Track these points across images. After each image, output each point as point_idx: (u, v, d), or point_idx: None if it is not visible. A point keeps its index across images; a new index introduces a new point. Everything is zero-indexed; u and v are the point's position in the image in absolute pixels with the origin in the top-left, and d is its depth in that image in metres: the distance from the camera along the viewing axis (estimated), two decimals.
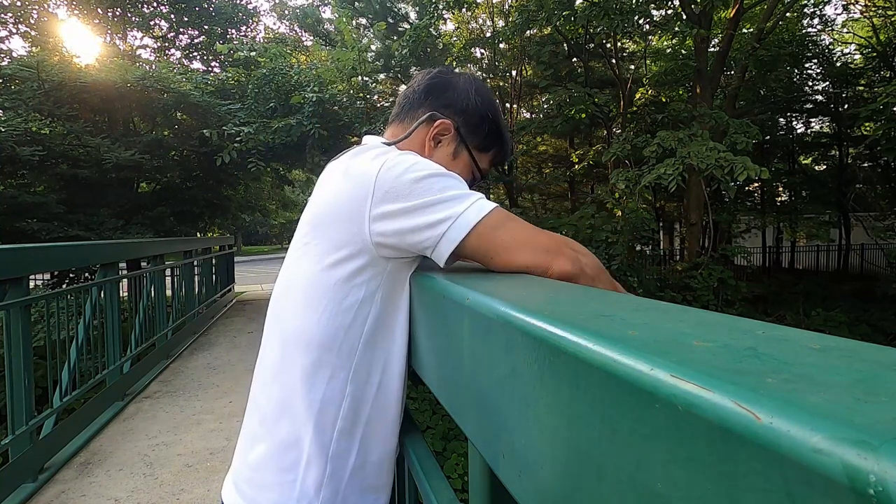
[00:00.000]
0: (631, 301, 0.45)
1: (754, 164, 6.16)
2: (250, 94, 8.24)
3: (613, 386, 0.28)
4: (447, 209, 0.69)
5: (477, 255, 0.72)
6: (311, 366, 0.77)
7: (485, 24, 14.08)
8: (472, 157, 0.91)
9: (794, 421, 0.19)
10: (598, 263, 0.75)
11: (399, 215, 0.70)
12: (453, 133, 0.89)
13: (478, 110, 0.91)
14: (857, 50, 13.41)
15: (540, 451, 0.37)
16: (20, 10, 10.65)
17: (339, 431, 0.78)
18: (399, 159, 0.74)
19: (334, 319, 0.76)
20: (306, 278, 0.78)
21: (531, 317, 0.39)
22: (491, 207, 0.70)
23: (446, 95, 0.91)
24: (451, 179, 0.73)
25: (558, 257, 0.70)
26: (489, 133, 0.92)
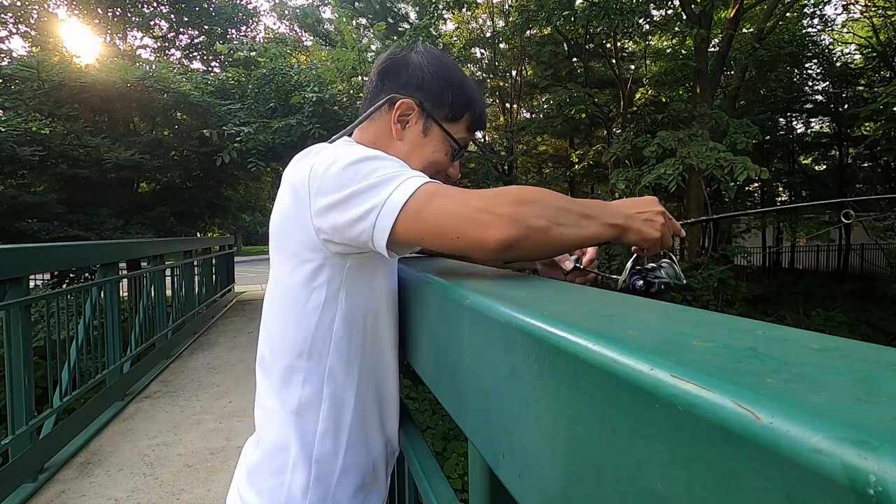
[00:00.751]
0: (631, 301, 0.45)
1: (754, 164, 6.16)
2: (250, 94, 8.24)
3: (613, 386, 0.28)
4: (373, 197, 0.65)
5: (417, 242, 0.67)
6: (285, 372, 0.78)
7: (485, 24, 14.09)
8: (444, 131, 0.86)
9: (794, 421, 0.19)
10: (553, 203, 0.64)
11: (332, 210, 0.68)
12: (417, 110, 0.85)
13: (435, 80, 0.86)
14: (857, 50, 13.42)
15: (540, 451, 0.37)
16: (20, 10, 10.65)
17: (321, 434, 0.78)
18: (329, 153, 0.71)
19: (300, 324, 0.76)
20: (276, 286, 0.79)
21: (531, 317, 0.39)
22: (416, 186, 0.64)
23: (401, 76, 0.87)
24: (377, 162, 0.68)
25: (491, 226, 0.61)
26: (454, 100, 0.86)
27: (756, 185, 14.15)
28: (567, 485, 0.33)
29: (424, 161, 0.85)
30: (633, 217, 0.71)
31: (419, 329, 0.76)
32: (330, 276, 0.75)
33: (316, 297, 0.76)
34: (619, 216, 0.70)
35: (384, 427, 0.87)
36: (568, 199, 0.67)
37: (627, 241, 0.72)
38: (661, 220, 0.73)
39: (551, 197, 0.66)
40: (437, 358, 0.65)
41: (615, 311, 0.40)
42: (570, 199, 0.68)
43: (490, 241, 0.61)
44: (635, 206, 0.73)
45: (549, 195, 0.65)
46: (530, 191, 0.65)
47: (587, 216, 0.66)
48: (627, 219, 0.70)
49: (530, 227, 0.61)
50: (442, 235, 0.63)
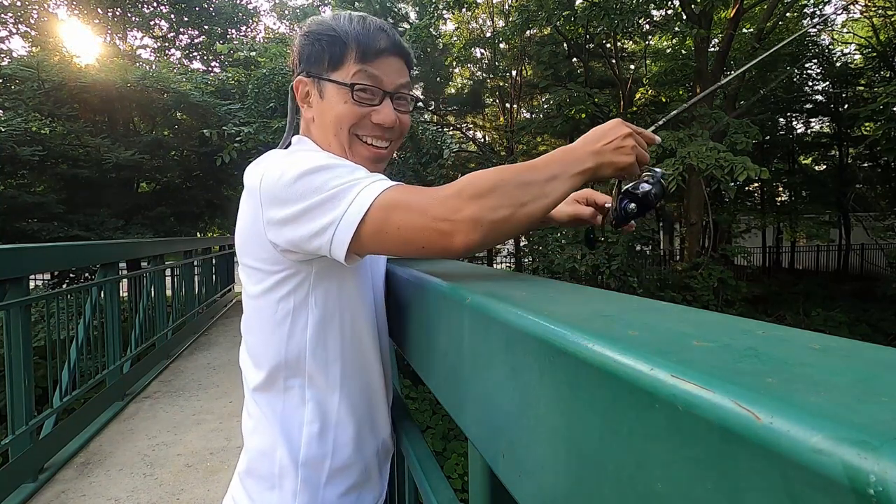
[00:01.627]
0: (631, 301, 0.45)
1: (754, 164, 6.16)
2: (250, 94, 8.24)
3: (613, 386, 0.28)
4: (328, 212, 0.62)
5: (380, 253, 0.67)
6: (265, 382, 0.77)
7: (485, 24, 14.09)
8: (336, 83, 0.78)
9: (794, 421, 0.19)
10: (513, 182, 0.61)
11: (286, 225, 0.66)
12: (307, 80, 0.81)
13: (307, 42, 0.80)
14: (857, 50, 13.42)
15: (540, 450, 0.37)
16: (20, 10, 10.65)
17: (307, 438, 0.77)
18: (277, 162, 0.69)
19: (273, 335, 0.75)
20: (245, 300, 0.78)
21: (531, 317, 0.39)
22: (373, 197, 0.61)
23: (294, 63, 0.84)
24: (328, 172, 0.64)
25: (454, 234, 0.59)
26: (327, 46, 0.78)
27: (756, 185, 14.15)
28: (567, 485, 0.33)
29: (334, 120, 0.79)
30: (602, 152, 0.67)
31: (419, 329, 0.76)
32: (297, 284, 0.74)
33: (284, 307, 0.74)
34: (587, 159, 0.66)
35: (375, 428, 0.85)
36: (528, 167, 0.63)
37: (604, 177, 0.70)
38: (630, 142, 0.69)
39: (509, 174, 0.62)
40: (437, 358, 0.65)
41: (615, 311, 0.40)
42: (531, 165, 0.64)
43: (455, 248, 0.60)
44: (600, 137, 0.69)
45: (505, 176, 0.61)
46: (485, 178, 0.61)
47: (553, 178, 0.63)
48: (596, 156, 0.67)
49: (493, 221, 0.59)
50: (405, 247, 0.62)
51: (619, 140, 0.69)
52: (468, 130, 15.17)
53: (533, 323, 0.38)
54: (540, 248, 9.07)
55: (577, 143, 0.69)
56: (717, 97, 10.24)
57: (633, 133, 0.70)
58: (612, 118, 0.75)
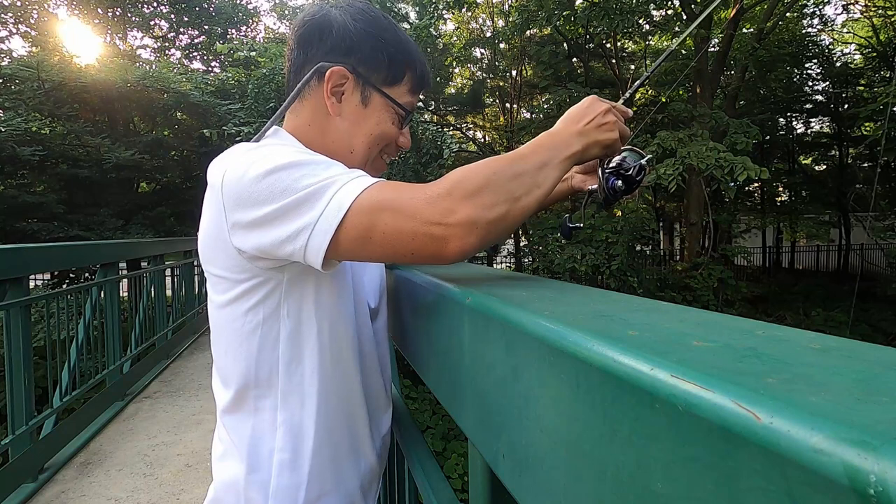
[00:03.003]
0: (631, 301, 0.45)
1: (754, 164, 6.17)
2: (250, 94, 8.24)
3: (613, 386, 0.28)
4: (300, 215, 0.56)
5: (361, 259, 0.60)
6: (232, 404, 0.70)
7: (485, 24, 14.09)
8: (386, 97, 0.74)
9: (794, 421, 0.19)
10: (505, 175, 0.57)
11: (252, 229, 0.59)
12: (351, 78, 0.72)
13: (366, 39, 0.73)
14: (857, 50, 13.43)
15: (540, 451, 0.37)
16: (20, 10, 10.65)
17: (278, 466, 0.69)
18: (243, 157, 0.62)
19: (239, 351, 0.68)
20: (211, 313, 0.71)
21: (531, 317, 0.39)
22: (352, 198, 0.55)
23: (325, 40, 0.73)
24: (301, 169, 0.58)
25: (448, 240, 0.54)
26: (391, 59, 0.74)
27: (756, 185, 14.16)
28: (567, 485, 0.33)
29: (370, 136, 0.74)
30: (586, 132, 0.65)
31: (419, 329, 0.76)
32: (267, 293, 0.66)
33: (253, 318, 0.67)
34: (574, 142, 0.64)
35: (357, 452, 0.77)
36: (517, 156, 0.60)
37: (591, 158, 0.68)
38: (611, 118, 0.67)
39: (500, 166, 0.58)
40: (437, 358, 0.65)
41: (615, 311, 0.40)
42: (520, 154, 0.61)
43: (448, 255, 0.55)
44: (581, 116, 0.66)
45: (496, 168, 0.57)
46: (476, 173, 0.57)
47: (543, 166, 0.60)
48: (582, 137, 0.65)
49: (489, 222, 0.55)
50: (391, 254, 0.57)
51: (601, 117, 0.66)
52: (468, 130, 15.17)
53: (533, 323, 0.38)
54: (540, 248, 9.07)
55: (559, 126, 0.66)
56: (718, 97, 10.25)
57: (611, 107, 0.68)
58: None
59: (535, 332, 0.37)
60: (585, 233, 8.15)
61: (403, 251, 0.56)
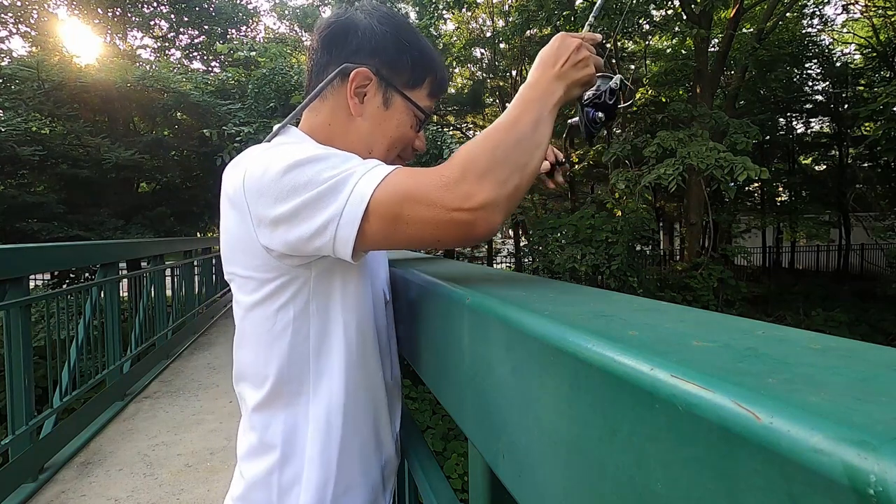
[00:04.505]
0: (631, 301, 0.45)
1: (754, 164, 6.17)
2: (250, 94, 8.24)
3: (613, 386, 0.28)
4: (325, 208, 0.57)
5: (388, 248, 0.62)
6: (264, 401, 0.71)
7: (485, 24, 14.09)
8: (407, 100, 0.76)
9: (794, 421, 0.19)
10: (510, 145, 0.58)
11: (279, 226, 0.60)
12: (375, 80, 0.74)
13: (391, 43, 0.74)
14: (857, 50, 13.43)
15: (540, 451, 0.37)
16: (20, 10, 10.65)
17: (309, 460, 0.70)
18: (261, 156, 0.63)
19: (272, 350, 0.69)
20: (239, 316, 0.72)
21: (531, 317, 0.39)
22: (373, 188, 0.56)
23: (350, 41, 0.74)
24: (320, 163, 0.59)
25: (474, 225, 0.56)
26: (414, 63, 0.76)
27: (756, 185, 14.16)
28: (567, 485, 0.33)
29: (389, 137, 0.76)
30: (564, 74, 0.65)
31: (419, 329, 0.76)
32: (296, 291, 0.67)
33: (283, 317, 0.68)
34: (555, 87, 0.64)
35: (380, 443, 0.79)
36: (513, 121, 0.61)
37: (573, 98, 0.68)
38: (584, 52, 0.67)
39: (501, 137, 0.59)
40: (437, 358, 0.65)
41: (615, 311, 0.40)
42: (515, 118, 0.61)
43: (477, 236, 0.57)
44: (556, 58, 0.66)
45: (498, 141, 0.58)
46: (483, 150, 0.57)
47: (536, 123, 0.61)
48: (561, 80, 0.65)
49: (508, 196, 0.57)
50: (418, 241, 0.58)
51: (574, 55, 0.66)
52: (468, 130, 15.17)
53: (533, 323, 0.38)
54: (540, 248, 9.07)
55: (537, 73, 0.66)
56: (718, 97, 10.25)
57: (581, 42, 0.68)
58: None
59: (534, 332, 0.37)
60: (585, 233, 8.15)
61: (430, 239, 0.58)
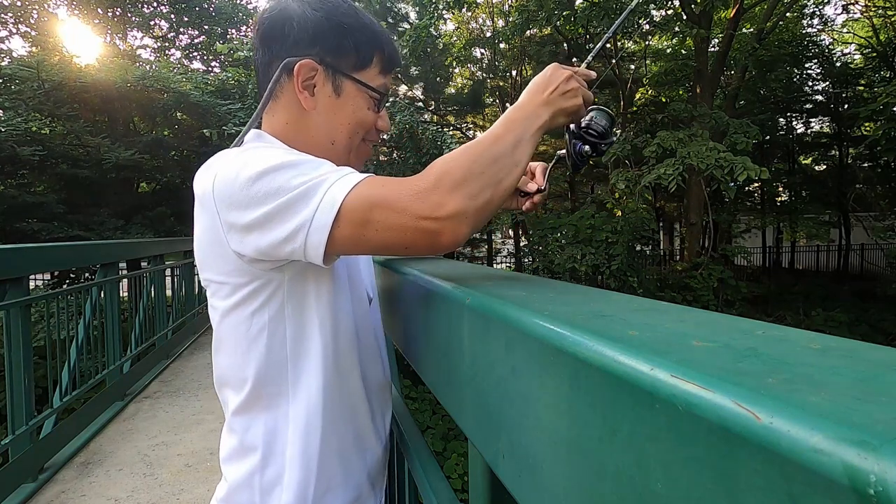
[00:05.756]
0: (631, 301, 0.45)
1: (754, 164, 6.17)
2: (250, 94, 8.24)
3: (613, 386, 0.28)
4: (296, 215, 0.57)
5: (358, 253, 0.63)
6: (244, 404, 0.72)
7: (485, 24, 14.08)
8: (358, 83, 0.74)
9: (794, 421, 0.19)
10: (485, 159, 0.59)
11: (250, 233, 0.60)
12: (321, 69, 0.72)
13: (330, 27, 0.72)
14: (857, 50, 13.43)
15: (540, 451, 0.37)
16: (20, 10, 10.65)
17: (290, 460, 0.71)
18: (231, 161, 0.62)
19: (249, 353, 0.69)
20: (215, 320, 0.72)
21: (531, 317, 0.39)
22: (343, 195, 0.57)
23: (287, 34, 0.72)
24: (291, 169, 0.59)
25: (441, 233, 0.56)
26: (358, 44, 0.73)
27: (756, 185, 14.16)
28: (567, 485, 0.33)
29: (348, 125, 0.75)
30: (551, 101, 0.66)
31: (419, 329, 0.76)
32: (270, 294, 0.68)
33: (259, 321, 0.68)
34: (541, 112, 0.65)
35: (363, 444, 0.79)
36: (494, 138, 0.61)
37: (558, 126, 0.69)
38: (574, 84, 0.68)
39: (479, 152, 0.59)
40: (437, 358, 0.65)
41: (615, 311, 0.40)
42: (495, 136, 0.62)
43: (442, 246, 0.57)
44: (545, 86, 0.67)
45: (476, 156, 0.59)
46: (459, 163, 0.58)
47: (518, 142, 0.62)
48: (547, 107, 0.66)
49: (477, 209, 0.57)
50: (386, 249, 0.59)
51: (564, 84, 0.67)
52: (468, 130, 15.17)
53: (533, 323, 0.38)
54: (540, 248, 9.07)
55: (525, 98, 0.67)
56: (717, 97, 10.25)
57: (573, 73, 0.69)
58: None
59: (534, 332, 0.37)
60: (585, 233, 8.15)
61: (398, 245, 0.58)
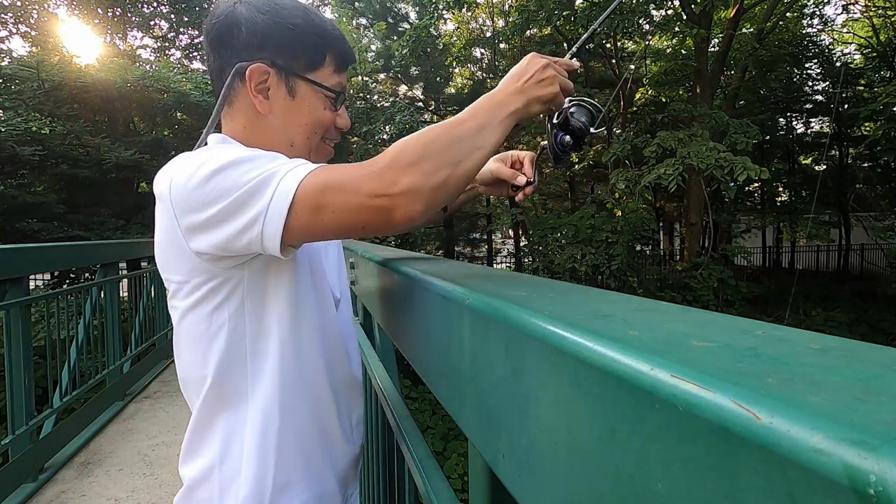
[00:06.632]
0: (631, 301, 0.45)
1: (754, 164, 6.17)
2: None
3: (613, 386, 0.28)
4: (251, 207, 0.58)
5: (315, 239, 0.64)
6: (205, 404, 0.72)
7: (485, 24, 14.08)
8: (312, 83, 0.74)
9: (794, 421, 0.19)
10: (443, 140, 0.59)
11: (206, 230, 0.61)
12: (273, 72, 0.72)
13: (277, 29, 0.71)
14: (857, 50, 13.43)
15: (540, 451, 0.37)
16: (20, 10, 10.64)
17: (247, 455, 0.71)
18: (188, 162, 0.63)
19: (209, 352, 0.70)
20: (175, 318, 0.72)
21: (531, 317, 0.39)
22: (297, 183, 0.58)
23: (237, 38, 0.71)
24: (244, 165, 0.60)
25: (393, 210, 0.57)
26: (308, 44, 0.73)
27: (756, 185, 14.16)
28: (567, 485, 0.33)
29: (305, 126, 0.75)
30: (525, 89, 0.66)
31: (419, 329, 0.76)
32: (229, 292, 0.68)
33: (218, 319, 0.68)
34: (513, 100, 0.65)
35: (328, 440, 0.79)
36: (456, 122, 0.62)
37: (533, 114, 0.68)
38: (550, 72, 0.67)
39: (438, 133, 0.60)
40: (437, 358, 0.65)
41: (615, 311, 0.40)
42: (458, 120, 0.62)
43: (397, 223, 0.58)
44: (520, 74, 0.67)
45: (435, 136, 0.59)
46: (416, 143, 0.59)
47: (482, 128, 0.62)
48: (520, 95, 0.65)
49: (432, 188, 0.57)
50: (343, 231, 0.60)
51: (539, 72, 0.67)
52: None
53: (533, 323, 0.38)
54: (540, 248, 9.07)
55: (499, 87, 0.67)
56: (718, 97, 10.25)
57: (551, 63, 0.69)
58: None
59: (535, 332, 0.37)
60: (585, 233, 8.15)
61: (353, 226, 0.59)
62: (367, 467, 1.32)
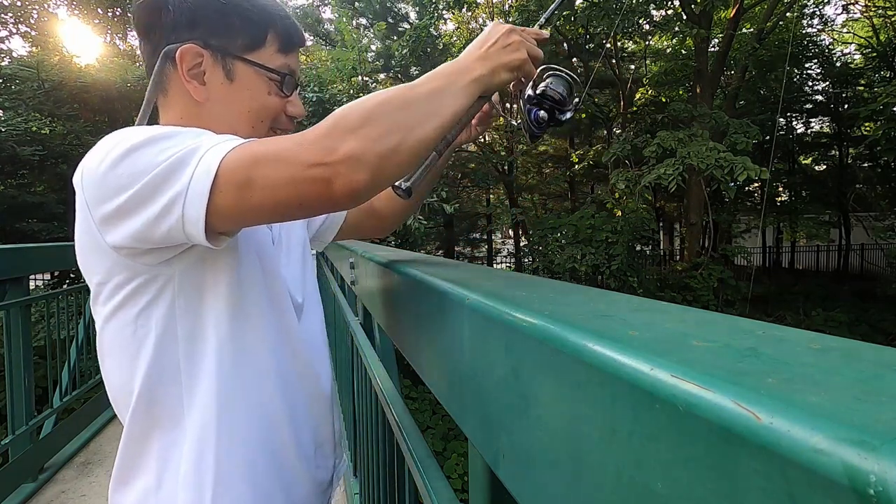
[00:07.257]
0: (631, 301, 0.45)
1: (754, 164, 6.18)
2: None
3: (613, 386, 0.28)
4: (170, 187, 0.51)
5: (248, 223, 0.56)
6: (136, 421, 0.64)
7: (485, 24, 14.07)
8: (254, 64, 0.67)
9: (794, 421, 0.19)
10: (393, 104, 0.53)
11: (121, 218, 0.53)
12: (206, 53, 0.65)
13: (210, 5, 0.65)
14: (858, 50, 13.44)
15: (540, 451, 0.37)
16: (20, 10, 10.65)
17: (183, 478, 0.63)
18: (97, 148, 0.56)
19: (137, 361, 0.62)
20: (98, 326, 0.64)
21: (531, 317, 0.39)
22: (222, 155, 0.51)
23: (164, 18, 0.64)
24: (164, 141, 0.53)
25: (333, 180, 0.49)
26: (245, 21, 0.66)
27: (756, 185, 14.16)
28: (567, 485, 0.33)
29: (247, 112, 0.68)
30: (488, 55, 0.61)
31: (419, 329, 0.75)
32: (157, 292, 0.60)
33: (145, 323, 0.61)
34: (475, 66, 0.60)
35: (280, 462, 0.69)
36: (409, 86, 0.56)
37: (502, 83, 0.63)
38: (515, 37, 0.63)
39: (387, 96, 0.54)
40: (437, 358, 0.65)
41: (615, 311, 0.40)
42: (412, 84, 0.56)
43: (338, 196, 0.50)
44: (482, 42, 0.63)
45: (383, 100, 0.53)
46: (361, 106, 0.52)
47: (437, 92, 0.56)
48: (484, 61, 0.61)
49: (379, 155, 0.50)
50: (278, 209, 0.52)
51: (504, 38, 0.63)
52: None
53: (533, 323, 0.38)
54: (540, 248, 9.08)
55: (462, 55, 0.63)
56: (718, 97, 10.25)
57: (516, 29, 0.65)
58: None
59: (535, 332, 0.37)
60: (585, 233, 8.15)
61: (289, 203, 0.51)
62: (367, 467, 1.32)
